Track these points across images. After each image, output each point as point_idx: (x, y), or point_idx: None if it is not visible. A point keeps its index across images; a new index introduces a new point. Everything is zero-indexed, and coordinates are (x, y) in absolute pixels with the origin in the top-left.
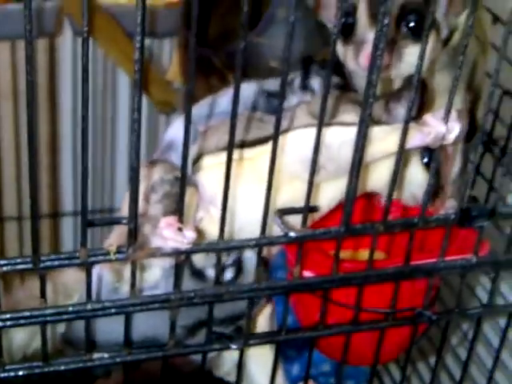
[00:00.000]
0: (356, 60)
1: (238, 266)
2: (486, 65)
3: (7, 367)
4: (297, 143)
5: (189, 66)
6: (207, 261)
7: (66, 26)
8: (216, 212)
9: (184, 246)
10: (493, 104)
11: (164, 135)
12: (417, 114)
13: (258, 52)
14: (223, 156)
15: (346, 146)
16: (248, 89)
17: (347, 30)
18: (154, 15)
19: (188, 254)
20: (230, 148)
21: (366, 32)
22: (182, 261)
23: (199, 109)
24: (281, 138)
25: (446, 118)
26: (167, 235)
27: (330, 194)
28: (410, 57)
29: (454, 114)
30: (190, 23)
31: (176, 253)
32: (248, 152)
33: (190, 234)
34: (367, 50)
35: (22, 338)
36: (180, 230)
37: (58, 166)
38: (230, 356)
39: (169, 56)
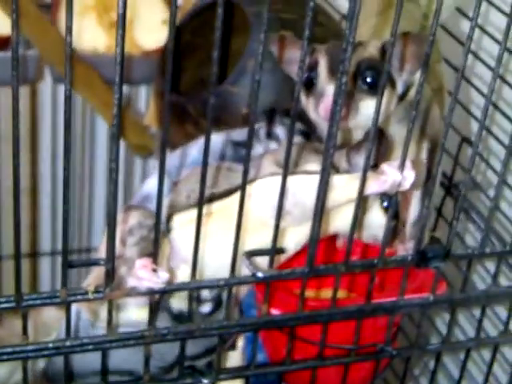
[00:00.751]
0: (316, 111)
1: (217, 301)
2: (443, 113)
3: None
4: (263, 191)
5: (162, 122)
6: (184, 302)
7: (47, 72)
8: (188, 269)
9: (158, 285)
10: (453, 150)
11: (141, 188)
12: (375, 163)
13: (232, 100)
14: (194, 213)
15: (310, 193)
16: (216, 139)
17: (309, 83)
18: (131, 63)
19: (162, 293)
20: (200, 197)
21: (326, 85)
22: (156, 300)
23: (173, 160)
24: (248, 187)
25: (401, 167)
26: (142, 275)
27: (296, 238)
28: (366, 110)
29: (408, 164)
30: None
31: (150, 292)
32: (217, 204)
33: (163, 275)
34: (326, 102)
35: (3, 373)
36: (154, 270)
37: (37, 206)
38: None
39: (145, 101)
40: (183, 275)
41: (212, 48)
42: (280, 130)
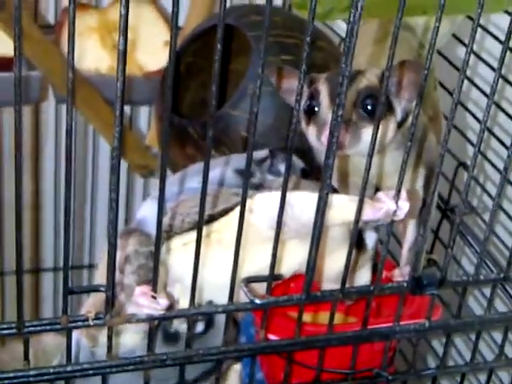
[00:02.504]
0: (318, 139)
1: (209, 319)
2: (439, 139)
3: None
4: (263, 204)
5: (161, 150)
6: (180, 322)
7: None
8: (183, 288)
9: (157, 312)
10: (450, 174)
11: (136, 213)
12: None
13: (232, 123)
14: (187, 237)
15: (308, 208)
16: (215, 166)
17: (311, 111)
18: (132, 84)
19: (161, 319)
20: (199, 221)
21: (328, 114)
22: (155, 326)
23: (169, 186)
24: (249, 201)
25: (396, 197)
26: (142, 303)
27: (290, 265)
28: (367, 137)
29: (404, 194)
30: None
31: (150, 319)
32: (215, 225)
33: (163, 302)
34: (328, 130)
35: None
36: (154, 297)
37: (40, 222)
38: None
39: (146, 121)
40: (178, 294)
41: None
42: (282, 167)
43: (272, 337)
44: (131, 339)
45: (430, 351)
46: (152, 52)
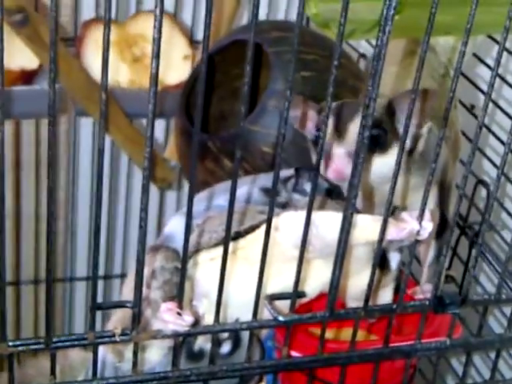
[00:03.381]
0: (325, 172)
1: (235, 339)
2: (456, 157)
3: None
4: (289, 222)
5: (190, 171)
6: (205, 340)
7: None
8: (209, 304)
9: (183, 328)
10: (469, 191)
11: (163, 229)
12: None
13: (252, 138)
14: (214, 252)
15: (332, 228)
16: (242, 184)
17: (317, 142)
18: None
19: (186, 336)
20: (226, 237)
21: (332, 146)
22: (180, 342)
23: (197, 203)
24: (274, 219)
25: (420, 217)
26: (168, 319)
27: (314, 285)
28: (377, 168)
29: (427, 214)
30: (189, 110)
31: (175, 335)
32: (241, 242)
33: (188, 318)
34: (333, 165)
35: None
36: (179, 314)
37: (74, 232)
38: None
39: (163, 134)
40: (204, 309)
41: (232, 84)
42: (307, 186)
43: (294, 353)
44: (156, 355)
45: (449, 370)
46: (170, 66)
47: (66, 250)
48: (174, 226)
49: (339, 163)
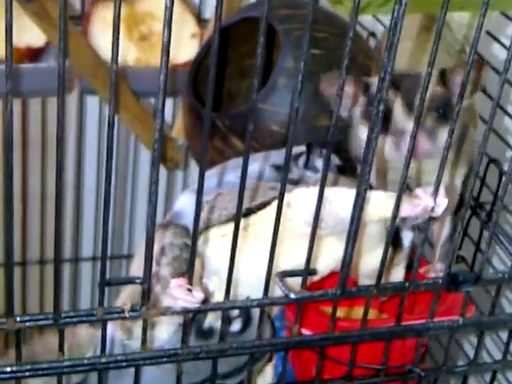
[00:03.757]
0: (397, 150)
1: (246, 317)
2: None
3: None
4: (302, 198)
5: (201, 150)
6: (215, 318)
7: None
8: (219, 281)
9: (193, 305)
10: (480, 171)
11: (173, 206)
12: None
13: (261, 117)
14: (225, 228)
15: (345, 204)
16: (253, 161)
17: (385, 119)
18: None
19: (196, 312)
20: (237, 215)
21: (406, 124)
22: (190, 319)
23: (207, 180)
24: (287, 195)
25: (435, 193)
26: (177, 295)
27: (326, 262)
28: (442, 139)
29: (442, 190)
30: (196, 88)
31: (185, 311)
32: (252, 218)
33: (198, 295)
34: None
35: None
36: (189, 290)
37: (80, 213)
38: None
39: (170, 113)
40: (214, 287)
41: (241, 63)
42: (318, 162)
43: (305, 331)
44: (165, 332)
45: (459, 351)
46: (178, 44)
47: (72, 230)
48: (183, 203)
49: (417, 139)
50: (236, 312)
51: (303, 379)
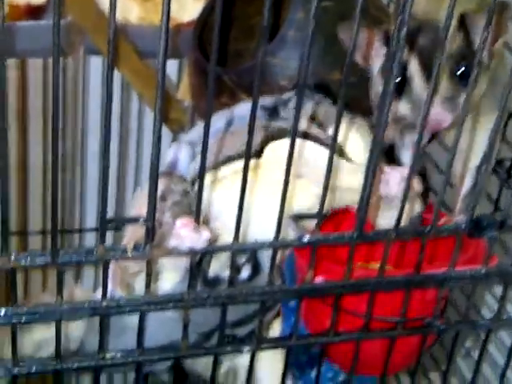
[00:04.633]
0: (414, 116)
1: (254, 265)
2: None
3: (21, 363)
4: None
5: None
6: (221, 267)
7: None
8: (224, 227)
9: (200, 244)
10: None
11: (166, 158)
12: None
13: (269, 71)
14: (222, 171)
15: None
16: (246, 107)
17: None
18: None
19: (203, 253)
20: (247, 151)
21: (420, 89)
22: (196, 262)
23: (196, 130)
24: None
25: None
26: (184, 234)
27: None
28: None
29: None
30: (203, 44)
31: (192, 252)
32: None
33: (205, 234)
34: (434, 114)
35: (34, 341)
36: (196, 230)
37: (84, 182)
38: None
39: (176, 75)
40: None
41: (248, 21)
42: (308, 104)
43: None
44: (169, 281)
45: (484, 305)
46: (182, 4)
47: (74, 200)
48: (176, 153)
49: (435, 112)
50: (244, 258)
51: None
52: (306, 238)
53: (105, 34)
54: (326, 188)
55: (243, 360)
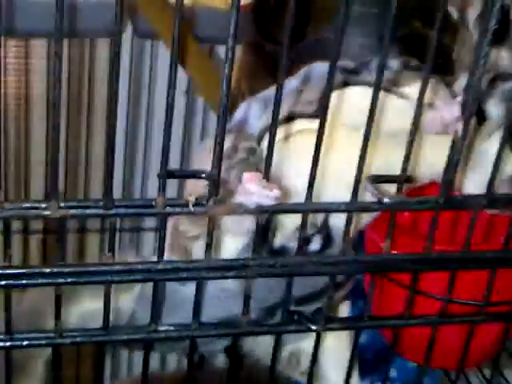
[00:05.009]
0: None
1: (326, 236)
2: None
3: (64, 334)
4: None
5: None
6: (288, 238)
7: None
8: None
9: (269, 201)
10: None
11: (231, 119)
12: None
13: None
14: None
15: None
16: (322, 67)
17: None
18: (218, 19)
19: (272, 212)
20: (323, 111)
21: None
22: (263, 223)
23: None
24: None
25: None
26: (252, 189)
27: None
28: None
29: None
30: (262, 25)
31: (259, 210)
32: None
33: (275, 191)
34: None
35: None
36: (264, 186)
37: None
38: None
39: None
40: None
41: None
42: (393, 63)
43: None
44: (230, 249)
45: None
46: None
47: (80, 179)
48: (246, 112)
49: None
50: (314, 229)
51: None
52: (387, 201)
53: (161, 13)
54: (410, 146)
55: (306, 345)
